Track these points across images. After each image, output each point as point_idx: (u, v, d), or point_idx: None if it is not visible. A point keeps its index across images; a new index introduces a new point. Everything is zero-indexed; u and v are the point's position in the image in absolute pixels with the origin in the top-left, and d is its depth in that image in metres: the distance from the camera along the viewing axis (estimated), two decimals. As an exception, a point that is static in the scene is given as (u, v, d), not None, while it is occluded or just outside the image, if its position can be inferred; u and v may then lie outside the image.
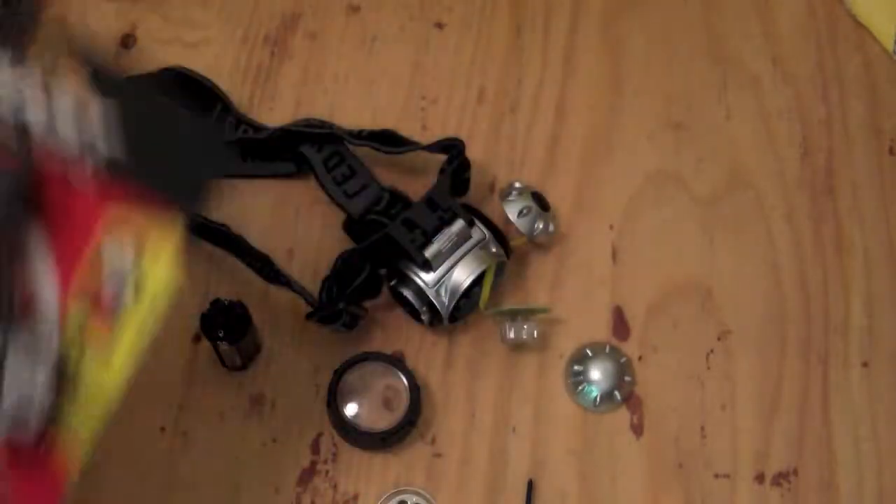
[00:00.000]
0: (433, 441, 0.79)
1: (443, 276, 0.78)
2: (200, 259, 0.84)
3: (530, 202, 0.82)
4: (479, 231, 0.79)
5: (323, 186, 0.84)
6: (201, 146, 0.67)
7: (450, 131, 0.89)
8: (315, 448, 0.79)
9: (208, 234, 0.83)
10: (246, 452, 0.78)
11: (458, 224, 0.78)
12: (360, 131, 0.83)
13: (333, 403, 0.77)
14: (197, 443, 0.78)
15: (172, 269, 0.60)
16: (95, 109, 0.60)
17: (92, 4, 0.93)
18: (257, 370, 0.81)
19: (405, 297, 0.79)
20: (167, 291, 0.60)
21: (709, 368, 0.81)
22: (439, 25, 0.93)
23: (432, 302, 0.78)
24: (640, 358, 0.82)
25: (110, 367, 0.59)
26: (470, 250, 0.78)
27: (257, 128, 0.87)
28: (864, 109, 0.91)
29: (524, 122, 0.90)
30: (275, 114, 0.89)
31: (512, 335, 0.80)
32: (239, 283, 0.83)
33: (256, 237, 0.84)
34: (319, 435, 0.79)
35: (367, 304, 0.81)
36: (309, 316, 0.79)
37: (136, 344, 0.60)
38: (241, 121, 0.87)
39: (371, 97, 0.90)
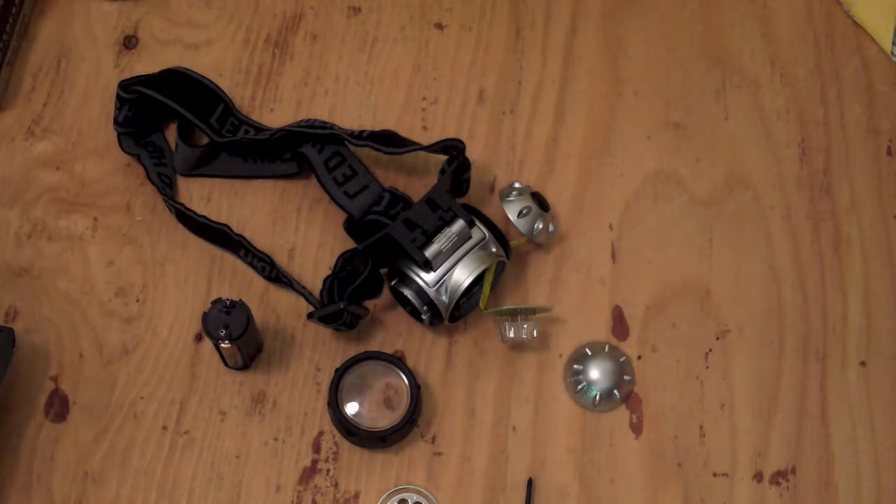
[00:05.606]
0: (433, 440, 0.79)
1: (443, 275, 0.78)
2: (202, 259, 0.84)
3: (530, 202, 0.82)
4: (479, 231, 0.79)
5: (324, 187, 0.85)
6: None
7: (450, 132, 0.89)
8: (316, 447, 0.79)
9: (210, 234, 0.84)
10: (247, 451, 0.79)
11: (458, 224, 0.78)
12: (361, 132, 0.84)
13: (334, 402, 0.78)
14: (198, 442, 0.79)
15: None
16: None
17: (94, 5, 0.93)
18: (258, 369, 0.81)
19: (406, 297, 0.79)
20: None
21: (707, 368, 0.82)
22: (439, 26, 0.94)
23: (433, 301, 0.78)
24: (639, 357, 0.82)
25: None
26: (470, 250, 0.79)
27: (259, 128, 0.87)
28: (861, 110, 0.91)
29: (524, 122, 0.90)
30: (276, 114, 0.90)
31: (512, 334, 0.80)
32: (240, 282, 0.83)
33: (258, 237, 0.84)
34: (320, 434, 0.79)
35: (368, 303, 0.81)
36: (310, 315, 0.79)
37: None
38: (243, 121, 0.87)
39: (371, 98, 0.91)
